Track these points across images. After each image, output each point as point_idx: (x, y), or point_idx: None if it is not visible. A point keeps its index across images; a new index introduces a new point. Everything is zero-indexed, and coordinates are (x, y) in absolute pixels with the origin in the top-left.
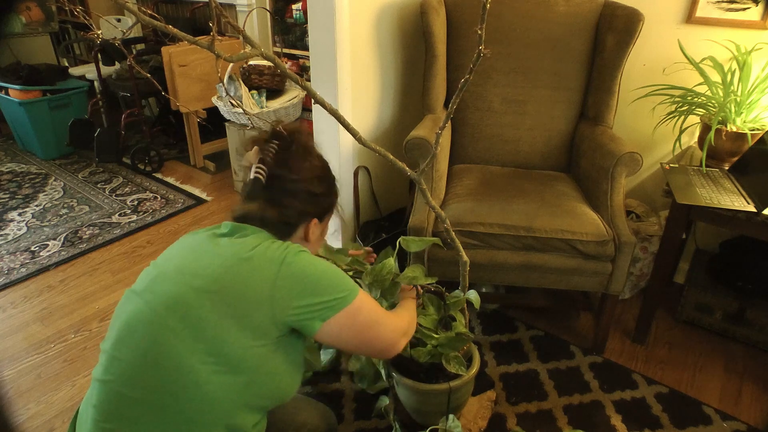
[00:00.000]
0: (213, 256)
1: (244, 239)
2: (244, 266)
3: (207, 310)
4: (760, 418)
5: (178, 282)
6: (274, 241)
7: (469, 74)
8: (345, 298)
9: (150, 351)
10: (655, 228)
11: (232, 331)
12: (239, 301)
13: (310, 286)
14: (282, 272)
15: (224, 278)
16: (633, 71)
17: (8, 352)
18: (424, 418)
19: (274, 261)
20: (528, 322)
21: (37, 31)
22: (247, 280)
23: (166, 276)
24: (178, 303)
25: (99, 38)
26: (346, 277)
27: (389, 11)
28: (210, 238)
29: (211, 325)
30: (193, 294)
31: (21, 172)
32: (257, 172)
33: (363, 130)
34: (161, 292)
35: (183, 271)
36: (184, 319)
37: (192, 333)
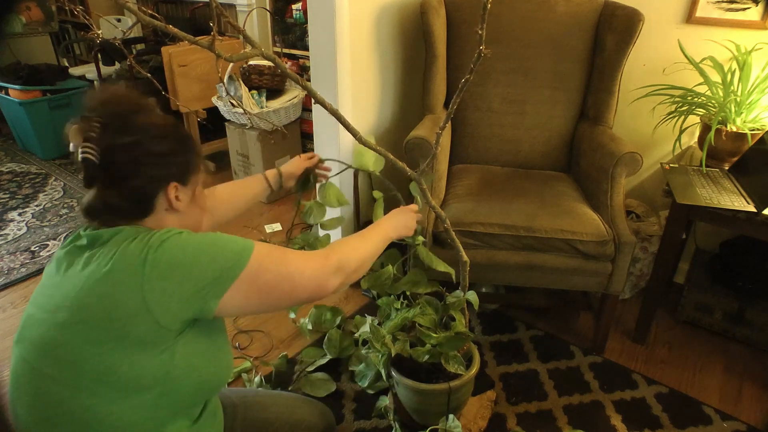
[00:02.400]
0: (72, 280)
1: (103, 248)
2: (105, 283)
3: (79, 344)
4: (760, 418)
5: (43, 322)
6: (134, 239)
7: (470, 74)
8: (235, 266)
9: (37, 407)
10: (655, 228)
11: (116, 355)
12: (110, 322)
13: (186, 273)
14: (147, 274)
15: (87, 303)
16: (633, 71)
17: (8, 352)
18: (424, 418)
19: (135, 265)
20: (528, 322)
21: (37, 31)
22: (111, 297)
23: (33, 319)
24: (47, 346)
25: (99, 38)
26: (232, 239)
27: (389, 11)
28: (68, 257)
29: (89, 357)
30: (60, 331)
31: (21, 172)
32: (84, 152)
33: (363, 130)
34: (30, 338)
35: (46, 307)
36: (59, 362)
37: (72, 373)
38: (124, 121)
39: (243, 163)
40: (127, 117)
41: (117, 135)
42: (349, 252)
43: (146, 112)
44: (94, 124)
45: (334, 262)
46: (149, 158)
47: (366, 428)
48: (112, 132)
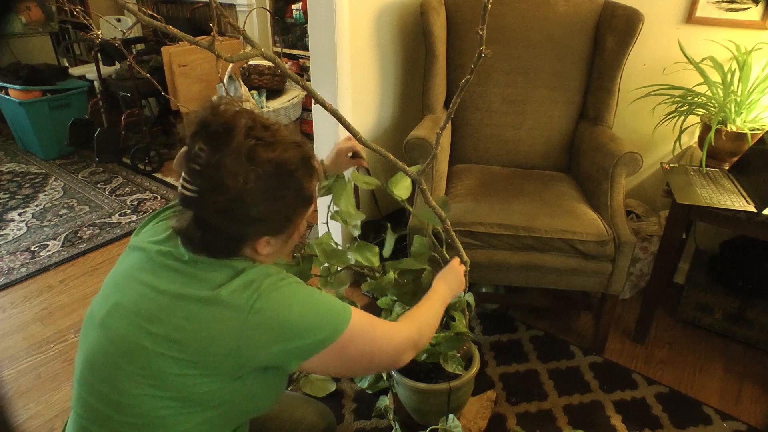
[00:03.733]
0: (172, 297)
1: (205, 275)
2: (207, 315)
3: (167, 360)
4: (760, 418)
5: (134, 323)
6: (243, 277)
7: (470, 74)
8: (328, 338)
9: (111, 397)
10: (655, 228)
11: (197, 379)
12: (202, 354)
13: (285, 333)
14: (250, 322)
15: (184, 327)
16: (633, 71)
17: (8, 352)
18: (424, 418)
19: (240, 309)
20: (528, 322)
21: (37, 31)
22: (210, 330)
23: (123, 312)
24: (135, 349)
25: (99, 38)
26: (334, 309)
27: (389, 11)
28: (166, 264)
29: (173, 375)
30: (151, 342)
31: (21, 172)
32: (183, 186)
33: (363, 130)
34: (118, 332)
35: (140, 311)
36: (143, 368)
37: (153, 382)
38: (226, 168)
39: None
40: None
41: (215, 183)
42: (425, 330)
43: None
44: (198, 159)
45: (413, 342)
46: (242, 221)
47: (366, 428)
48: (212, 177)
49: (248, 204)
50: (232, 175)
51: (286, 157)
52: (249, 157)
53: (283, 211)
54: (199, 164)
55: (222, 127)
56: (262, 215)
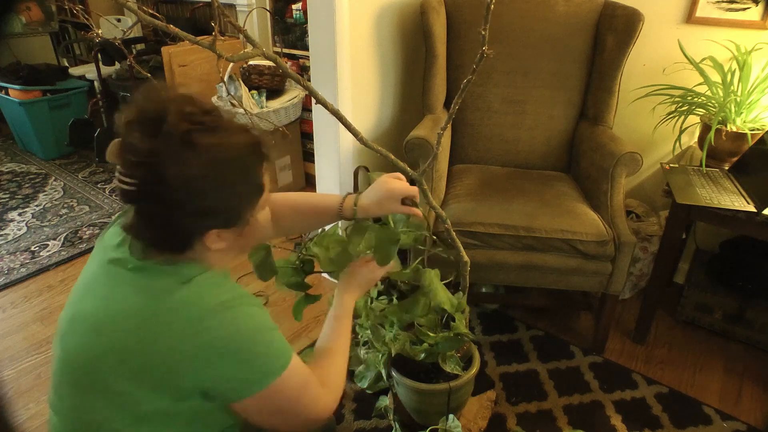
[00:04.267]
0: (119, 304)
1: (149, 284)
2: (150, 330)
3: (114, 377)
4: (760, 418)
5: (87, 338)
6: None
7: (472, 74)
8: (261, 380)
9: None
10: (655, 228)
11: (149, 396)
12: (144, 370)
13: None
14: (191, 341)
15: (127, 341)
16: (633, 71)
17: (8, 352)
18: (424, 418)
19: (182, 325)
20: (528, 322)
21: (37, 31)
22: (152, 346)
23: (79, 324)
24: (89, 366)
25: (99, 38)
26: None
27: (389, 11)
28: (114, 274)
29: (121, 393)
30: (100, 355)
31: (21, 172)
32: (120, 179)
33: (363, 130)
34: (74, 346)
35: (92, 325)
36: (96, 384)
37: (107, 397)
38: (163, 159)
39: None
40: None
41: (153, 174)
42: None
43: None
44: (132, 149)
45: (335, 398)
46: (186, 213)
47: (366, 428)
48: (149, 168)
49: (191, 194)
50: (169, 163)
51: (231, 142)
52: (185, 142)
53: (231, 202)
54: (134, 154)
55: (154, 112)
56: (208, 206)
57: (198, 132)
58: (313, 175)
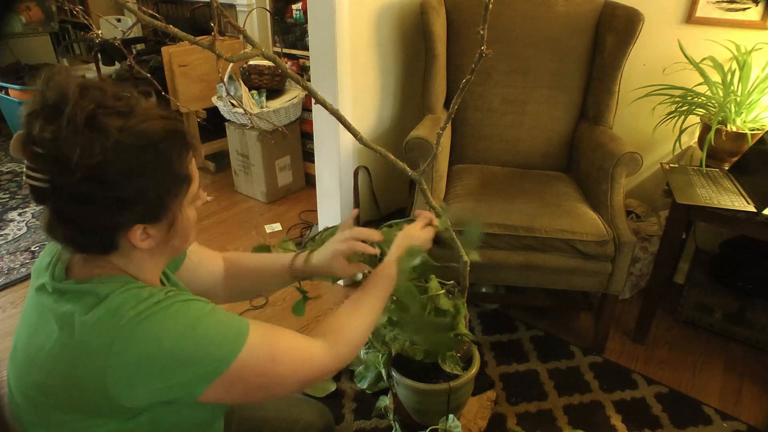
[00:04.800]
0: (44, 332)
1: (65, 308)
2: (67, 356)
3: (50, 408)
4: (760, 418)
5: (19, 371)
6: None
7: (471, 74)
8: (212, 372)
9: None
10: (655, 228)
11: (88, 423)
12: (78, 400)
13: (156, 371)
14: (111, 366)
15: (51, 371)
16: (633, 71)
17: (8, 352)
18: (424, 418)
19: (97, 352)
20: (528, 322)
21: (37, 31)
22: (72, 374)
23: (15, 357)
24: (24, 398)
25: (99, 38)
26: (221, 332)
27: (389, 11)
28: (37, 302)
29: (63, 422)
30: (33, 389)
31: (21, 172)
32: (29, 176)
33: (363, 130)
34: (11, 377)
35: (22, 357)
36: (37, 415)
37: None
38: (68, 146)
39: (243, 163)
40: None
41: (60, 164)
42: (355, 340)
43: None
44: (36, 139)
45: (334, 363)
46: (102, 205)
47: (366, 428)
48: (56, 158)
49: (105, 183)
50: (74, 149)
51: (144, 127)
52: (90, 125)
53: (151, 192)
54: (38, 144)
55: (57, 96)
56: (123, 196)
57: (105, 115)
58: (313, 175)
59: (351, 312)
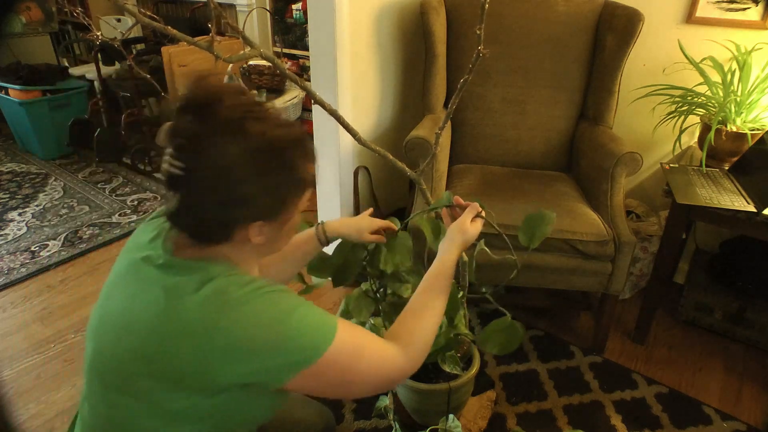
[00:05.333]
0: (145, 303)
1: (175, 282)
2: (171, 329)
3: (141, 377)
4: (760, 418)
5: (116, 337)
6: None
7: (469, 74)
8: (302, 361)
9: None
10: (655, 228)
11: (173, 394)
12: (170, 370)
13: (252, 354)
14: (214, 341)
15: (152, 341)
16: (633, 71)
17: (8, 352)
18: (424, 418)
19: (204, 326)
20: (528, 322)
21: (37, 31)
22: (174, 346)
23: (108, 323)
24: (116, 365)
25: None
26: (313, 325)
27: (389, 11)
28: (143, 272)
29: (148, 392)
30: (127, 355)
31: (21, 172)
32: (168, 162)
33: (363, 130)
34: (103, 344)
35: (119, 323)
36: (124, 382)
37: (134, 396)
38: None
39: None
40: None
41: (203, 158)
42: (427, 343)
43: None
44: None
45: (410, 367)
46: (233, 199)
47: (366, 428)
48: (200, 151)
49: (237, 181)
50: (219, 148)
51: (278, 133)
52: (237, 129)
53: (275, 192)
54: (185, 137)
55: (208, 97)
56: (253, 195)
57: (249, 120)
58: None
59: (419, 314)
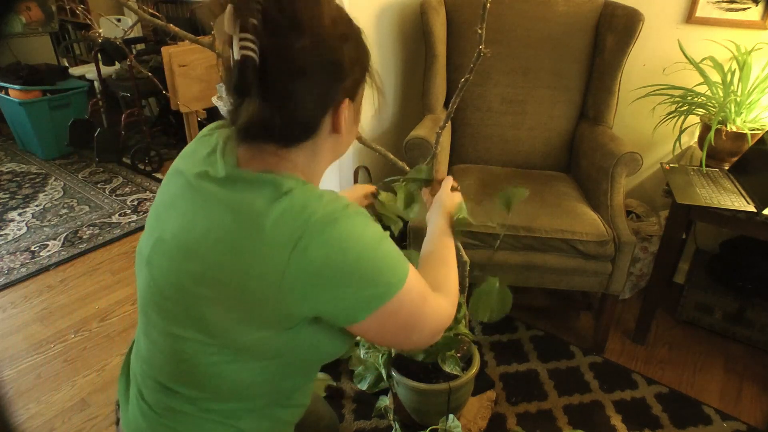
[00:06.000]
0: (208, 222)
1: (243, 197)
2: (245, 249)
3: (208, 303)
4: (760, 418)
5: (175, 261)
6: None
7: (469, 74)
8: (380, 297)
9: (161, 343)
10: (655, 228)
11: (242, 326)
12: (242, 298)
13: (334, 281)
14: (293, 262)
15: (221, 263)
16: (633, 71)
17: (8, 352)
18: (424, 418)
19: (283, 245)
20: (528, 322)
21: (37, 31)
22: (248, 268)
23: (165, 247)
24: (179, 291)
25: (100, 37)
26: (393, 259)
27: (389, 11)
28: (202, 189)
29: (216, 320)
30: (190, 282)
31: (21, 172)
32: (244, 47)
33: (363, 129)
34: (161, 271)
35: (179, 246)
36: (188, 311)
37: (199, 326)
38: (293, 11)
39: None
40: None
41: (283, 30)
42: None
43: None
44: (255, 7)
45: (454, 307)
46: (325, 68)
47: (366, 428)
48: (277, 25)
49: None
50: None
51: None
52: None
53: (358, 65)
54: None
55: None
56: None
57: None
58: None
59: (440, 265)
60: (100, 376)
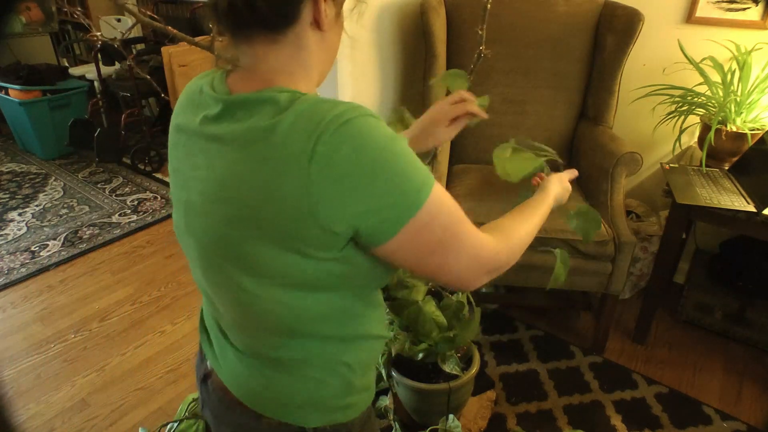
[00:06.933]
0: (222, 168)
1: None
2: (264, 173)
3: (252, 243)
4: (760, 418)
5: (210, 215)
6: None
7: (470, 74)
8: (414, 203)
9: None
10: (655, 228)
11: (291, 259)
12: (281, 228)
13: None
14: (313, 172)
15: (248, 198)
16: (633, 71)
17: (8, 352)
18: (424, 418)
19: (298, 157)
20: (528, 322)
21: (37, 31)
22: (274, 194)
23: (195, 208)
24: (220, 242)
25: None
26: (414, 164)
27: (389, 11)
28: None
29: (266, 259)
30: (228, 228)
31: (21, 172)
32: None
33: None
34: (202, 231)
35: (208, 199)
36: (240, 260)
37: (257, 271)
38: None
39: None
40: None
41: None
42: (518, 250)
43: None
44: None
45: (501, 264)
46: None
47: None
48: None
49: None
50: None
51: None
52: None
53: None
54: None
55: None
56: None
57: None
58: None
59: (517, 219)
60: (100, 376)
